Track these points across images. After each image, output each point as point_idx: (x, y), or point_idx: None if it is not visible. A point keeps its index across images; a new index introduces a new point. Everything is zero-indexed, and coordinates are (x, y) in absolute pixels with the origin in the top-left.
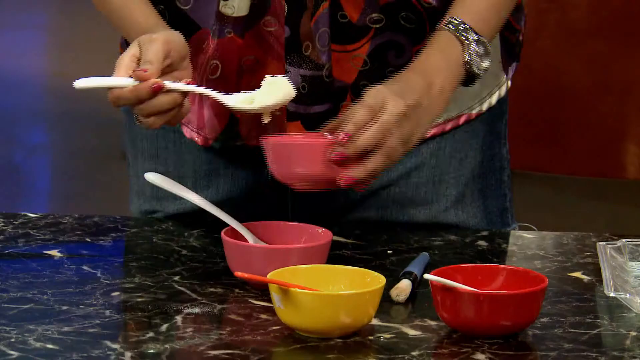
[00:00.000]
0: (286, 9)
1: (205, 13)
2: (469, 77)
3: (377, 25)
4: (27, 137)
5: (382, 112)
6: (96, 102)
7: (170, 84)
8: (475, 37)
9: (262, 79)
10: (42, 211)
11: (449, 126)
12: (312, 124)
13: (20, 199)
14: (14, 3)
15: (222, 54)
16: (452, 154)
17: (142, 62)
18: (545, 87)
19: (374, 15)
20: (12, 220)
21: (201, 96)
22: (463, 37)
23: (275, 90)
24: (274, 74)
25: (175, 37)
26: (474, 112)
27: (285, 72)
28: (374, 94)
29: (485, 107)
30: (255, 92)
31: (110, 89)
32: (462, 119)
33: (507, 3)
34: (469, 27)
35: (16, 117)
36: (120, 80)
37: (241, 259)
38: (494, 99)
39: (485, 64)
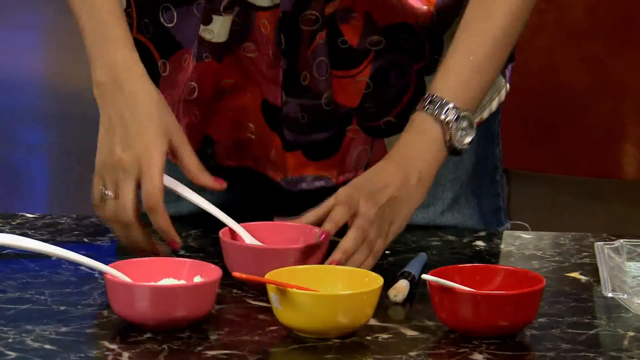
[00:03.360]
0: (284, 42)
1: (187, 33)
2: (454, 152)
3: (377, 48)
4: (25, 137)
5: (356, 215)
6: (94, 102)
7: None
8: (455, 115)
9: (241, 102)
10: (40, 211)
11: None
12: (313, 152)
13: (18, 200)
14: (11, 3)
15: (199, 77)
16: (448, 158)
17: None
18: (543, 87)
19: (373, 37)
20: (9, 220)
21: (178, 114)
22: (443, 117)
23: None
24: (252, 98)
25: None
26: (475, 121)
27: (262, 98)
28: (348, 194)
29: (486, 114)
30: None
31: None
32: None
33: (491, 63)
34: (449, 104)
35: (14, 117)
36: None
37: (239, 259)
38: (494, 105)
39: (469, 138)
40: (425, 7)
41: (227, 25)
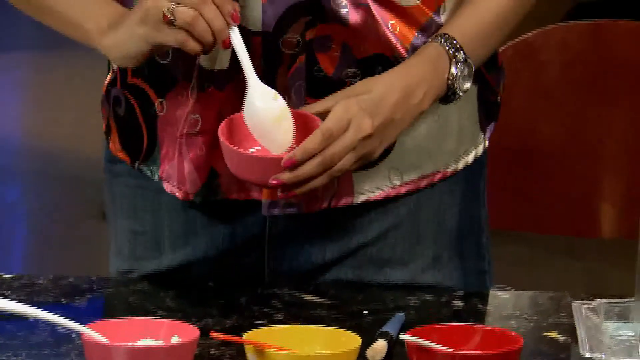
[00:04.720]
0: (263, 64)
1: (184, 68)
2: (448, 95)
3: (353, 80)
4: (2, 196)
5: (340, 136)
6: (73, 161)
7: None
8: (463, 57)
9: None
10: (18, 270)
11: (423, 183)
12: None
13: None
14: None
15: (202, 108)
16: (429, 214)
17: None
18: (520, 146)
19: (349, 70)
20: None
21: (181, 150)
22: (452, 53)
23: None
24: None
25: None
26: (449, 169)
27: None
28: (340, 113)
29: (461, 165)
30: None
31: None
32: (437, 177)
33: (495, 36)
34: (459, 46)
35: None
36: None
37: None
38: (470, 158)
39: (467, 85)
40: (400, 46)
41: (229, 52)
